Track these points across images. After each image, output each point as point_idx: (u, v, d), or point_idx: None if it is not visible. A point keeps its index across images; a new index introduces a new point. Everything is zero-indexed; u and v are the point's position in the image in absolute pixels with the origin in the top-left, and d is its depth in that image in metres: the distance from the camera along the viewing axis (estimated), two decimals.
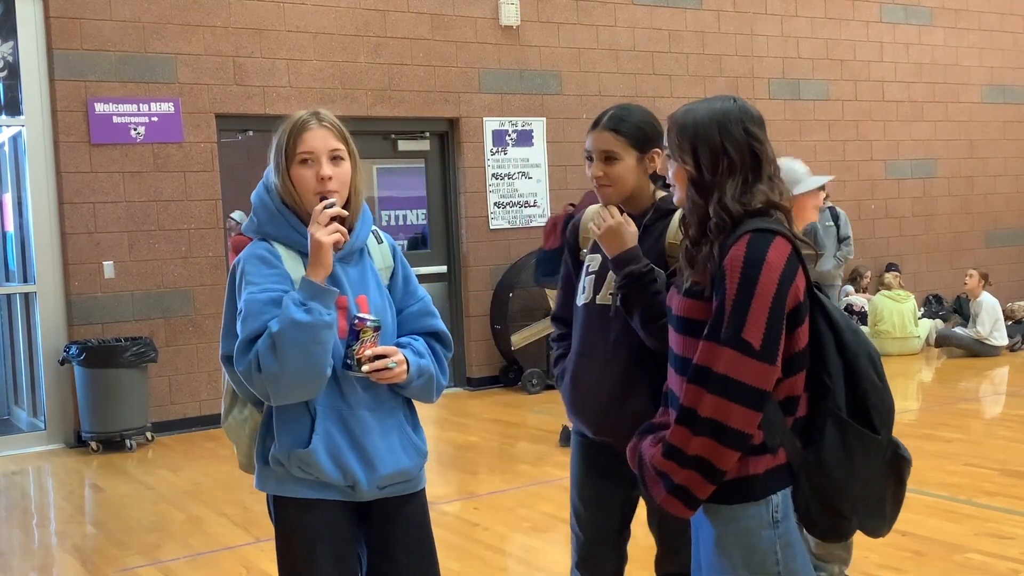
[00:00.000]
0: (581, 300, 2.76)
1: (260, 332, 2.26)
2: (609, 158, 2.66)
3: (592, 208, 2.89)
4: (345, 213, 2.34)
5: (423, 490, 2.56)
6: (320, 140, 2.36)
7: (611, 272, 2.66)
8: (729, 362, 2.03)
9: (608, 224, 2.61)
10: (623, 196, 2.68)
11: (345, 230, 2.35)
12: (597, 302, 2.71)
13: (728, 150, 2.13)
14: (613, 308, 2.65)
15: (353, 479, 2.37)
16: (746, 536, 2.11)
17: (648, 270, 2.56)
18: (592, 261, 2.76)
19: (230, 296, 2.40)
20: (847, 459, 2.07)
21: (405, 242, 9.28)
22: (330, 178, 2.35)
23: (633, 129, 2.67)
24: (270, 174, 2.43)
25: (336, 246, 2.33)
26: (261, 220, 2.42)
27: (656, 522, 2.79)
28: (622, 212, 2.68)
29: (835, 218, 9.37)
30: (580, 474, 2.86)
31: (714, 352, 2.05)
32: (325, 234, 2.28)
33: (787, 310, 2.06)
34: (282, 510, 2.42)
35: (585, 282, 2.76)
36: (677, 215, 2.66)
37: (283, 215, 2.39)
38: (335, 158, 2.37)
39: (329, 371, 2.30)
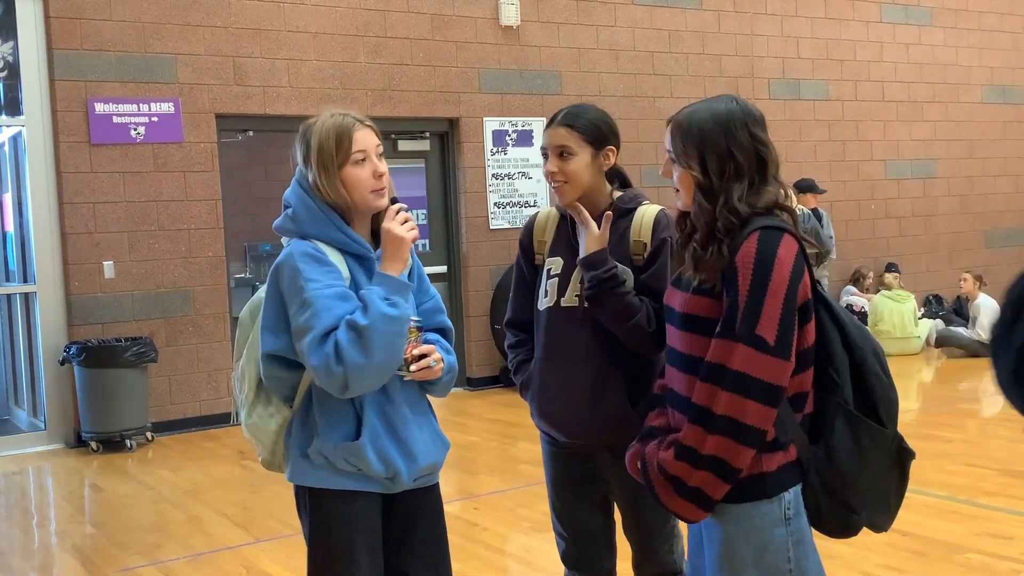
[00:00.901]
0: (544, 304, 2.74)
1: (334, 326, 2.29)
2: (564, 153, 2.65)
3: (544, 211, 2.88)
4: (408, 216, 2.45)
5: (438, 483, 2.62)
6: (369, 139, 2.44)
7: (576, 273, 2.67)
8: (744, 358, 2.02)
9: (581, 226, 2.62)
10: (579, 193, 2.66)
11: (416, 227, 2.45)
12: (562, 304, 2.69)
13: (735, 155, 2.13)
14: (582, 309, 2.64)
15: (395, 471, 2.43)
16: (758, 534, 2.10)
17: (610, 276, 2.56)
18: (553, 264, 2.74)
19: (273, 294, 2.41)
20: (857, 453, 2.09)
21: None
22: (384, 174, 2.45)
23: (588, 125, 2.66)
24: (307, 176, 2.44)
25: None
26: (303, 220, 2.43)
27: (633, 527, 2.78)
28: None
29: (818, 218, 9.39)
30: (556, 480, 2.86)
31: (729, 349, 2.04)
32: (404, 230, 2.39)
33: (798, 306, 2.08)
34: (319, 502, 2.45)
35: (547, 286, 2.73)
36: (640, 212, 2.68)
37: (326, 214, 2.42)
38: (380, 155, 2.46)
39: None
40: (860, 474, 2.10)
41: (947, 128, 12.21)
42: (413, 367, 2.41)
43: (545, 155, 2.70)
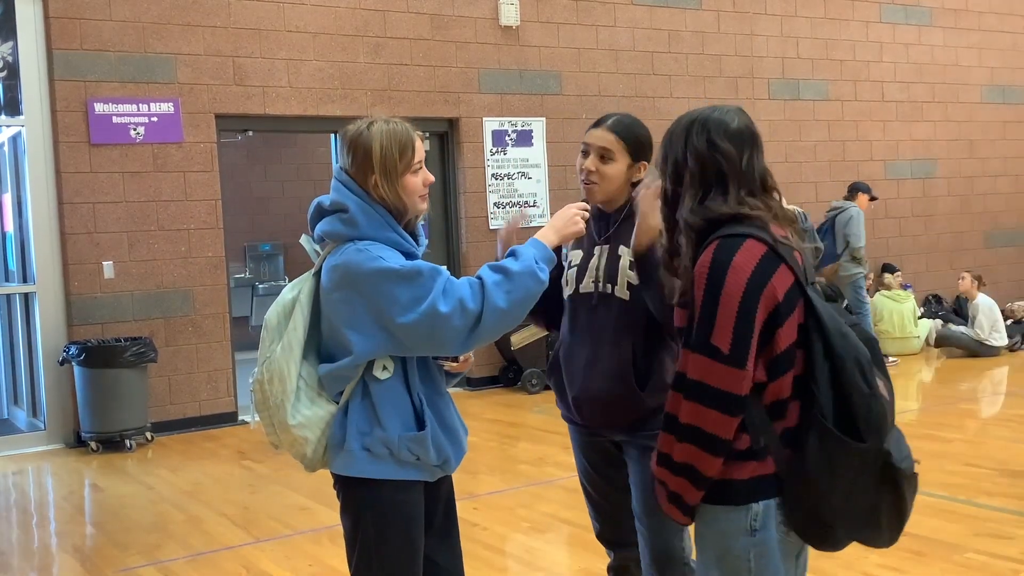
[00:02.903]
0: (567, 292, 2.92)
1: (445, 280, 2.38)
2: (605, 156, 2.79)
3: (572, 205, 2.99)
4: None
5: None
6: (422, 149, 2.57)
7: (592, 261, 2.83)
8: (700, 367, 2.04)
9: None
10: (607, 195, 2.82)
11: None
12: (581, 291, 2.86)
13: (688, 161, 2.13)
14: (596, 295, 2.81)
15: (445, 458, 2.55)
16: (722, 538, 2.11)
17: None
18: (574, 256, 2.92)
19: (354, 297, 2.42)
20: (828, 467, 2.03)
21: None
22: (432, 181, 2.59)
23: (632, 136, 2.81)
24: (358, 180, 2.50)
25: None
26: (362, 223, 2.47)
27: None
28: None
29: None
30: (580, 460, 3.02)
31: (687, 359, 2.07)
32: (579, 215, 2.57)
33: (765, 312, 2.03)
34: (379, 493, 2.49)
35: (568, 275, 2.91)
36: None
37: (382, 216, 2.48)
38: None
39: None
40: (832, 489, 2.04)
41: (947, 128, 12.21)
42: (461, 357, 2.59)
43: (585, 153, 2.83)
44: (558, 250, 2.94)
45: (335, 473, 2.55)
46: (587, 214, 2.59)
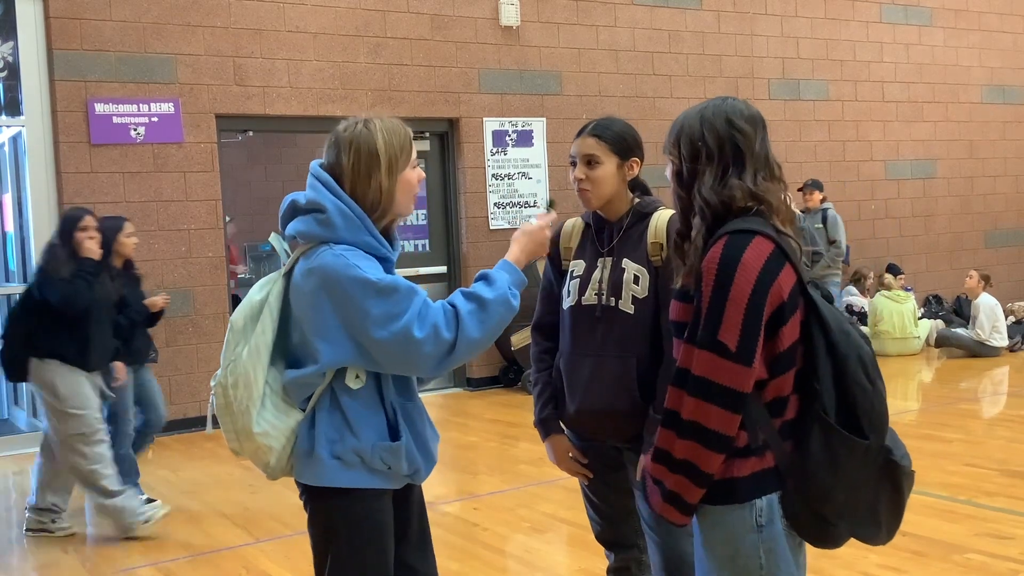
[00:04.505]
0: (568, 303, 2.91)
1: (422, 303, 2.35)
2: (591, 162, 2.82)
3: (571, 221, 3.06)
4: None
5: None
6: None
7: (596, 274, 2.84)
8: (705, 364, 2.03)
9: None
10: (603, 200, 2.84)
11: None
12: (583, 303, 2.86)
13: (706, 138, 2.14)
14: (599, 307, 2.80)
15: (416, 467, 2.50)
16: (730, 538, 2.10)
17: None
18: (576, 266, 2.92)
19: (324, 304, 2.35)
20: (831, 464, 2.04)
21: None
22: (423, 179, 2.57)
23: (614, 136, 2.83)
24: (350, 178, 2.44)
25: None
26: (339, 225, 2.39)
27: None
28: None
29: (823, 220, 9.42)
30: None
31: (691, 355, 2.06)
32: (549, 233, 2.59)
33: (771, 309, 2.04)
34: (350, 502, 2.44)
35: (570, 286, 2.91)
36: (655, 216, 2.83)
37: (360, 219, 2.41)
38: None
39: None
40: (834, 485, 2.05)
41: (947, 128, 12.21)
42: None
43: (573, 163, 2.87)
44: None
45: (302, 483, 2.48)
46: (552, 229, 2.64)
